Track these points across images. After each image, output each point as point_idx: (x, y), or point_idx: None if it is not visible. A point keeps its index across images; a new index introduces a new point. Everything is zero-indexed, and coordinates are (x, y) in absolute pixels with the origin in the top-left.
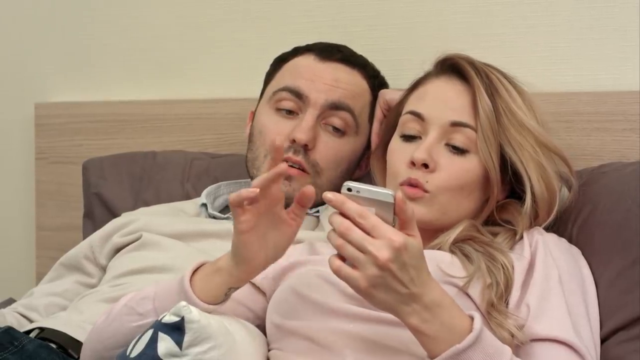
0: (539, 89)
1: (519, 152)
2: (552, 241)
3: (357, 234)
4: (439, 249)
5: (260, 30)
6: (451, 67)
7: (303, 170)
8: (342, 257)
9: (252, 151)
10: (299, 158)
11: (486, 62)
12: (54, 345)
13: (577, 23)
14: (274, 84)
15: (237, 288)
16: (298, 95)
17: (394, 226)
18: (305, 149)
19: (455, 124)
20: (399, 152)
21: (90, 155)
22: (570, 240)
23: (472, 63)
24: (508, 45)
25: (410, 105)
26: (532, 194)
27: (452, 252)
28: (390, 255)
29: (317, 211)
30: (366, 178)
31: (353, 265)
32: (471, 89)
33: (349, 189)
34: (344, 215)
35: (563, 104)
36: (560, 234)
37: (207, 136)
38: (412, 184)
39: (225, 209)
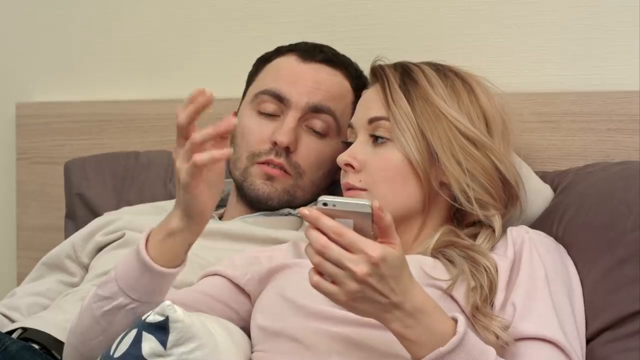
0: (524, 89)
1: (434, 137)
2: (539, 239)
3: (334, 251)
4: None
5: (243, 31)
6: (373, 75)
7: (285, 172)
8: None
9: (235, 152)
10: (281, 160)
11: (470, 61)
12: (36, 346)
13: (562, 23)
14: (256, 86)
15: (193, 242)
16: (279, 98)
17: (373, 234)
18: (287, 151)
19: (372, 120)
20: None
21: (72, 156)
22: (555, 240)
23: (386, 64)
24: (493, 45)
25: None
26: (456, 180)
27: (434, 257)
28: (368, 270)
29: None
30: None
31: (332, 280)
32: (383, 85)
33: (325, 204)
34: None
35: (548, 104)
36: (546, 233)
37: None
38: (347, 188)
39: None
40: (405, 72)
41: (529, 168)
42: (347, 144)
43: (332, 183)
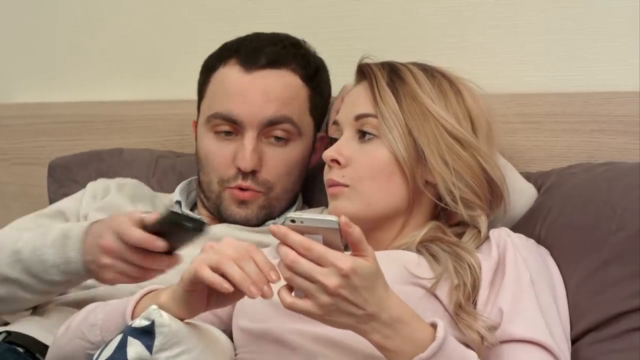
0: (508, 89)
1: (421, 135)
2: (520, 242)
3: (304, 265)
4: (405, 249)
5: (226, 31)
6: (360, 72)
7: (255, 191)
8: (290, 287)
9: (205, 174)
10: (248, 183)
11: (454, 62)
12: (21, 349)
13: (545, 24)
14: (207, 103)
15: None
16: (232, 121)
17: (344, 248)
18: (254, 172)
19: (359, 117)
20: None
21: (54, 157)
22: (538, 241)
23: (373, 63)
24: (477, 46)
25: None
26: (442, 178)
27: (419, 252)
28: (339, 282)
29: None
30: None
31: (305, 295)
32: (371, 82)
33: (293, 220)
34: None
35: (531, 105)
36: (529, 234)
37: (171, 137)
38: (330, 184)
39: (196, 206)
40: (393, 71)
41: (513, 168)
42: (332, 140)
43: (305, 184)
